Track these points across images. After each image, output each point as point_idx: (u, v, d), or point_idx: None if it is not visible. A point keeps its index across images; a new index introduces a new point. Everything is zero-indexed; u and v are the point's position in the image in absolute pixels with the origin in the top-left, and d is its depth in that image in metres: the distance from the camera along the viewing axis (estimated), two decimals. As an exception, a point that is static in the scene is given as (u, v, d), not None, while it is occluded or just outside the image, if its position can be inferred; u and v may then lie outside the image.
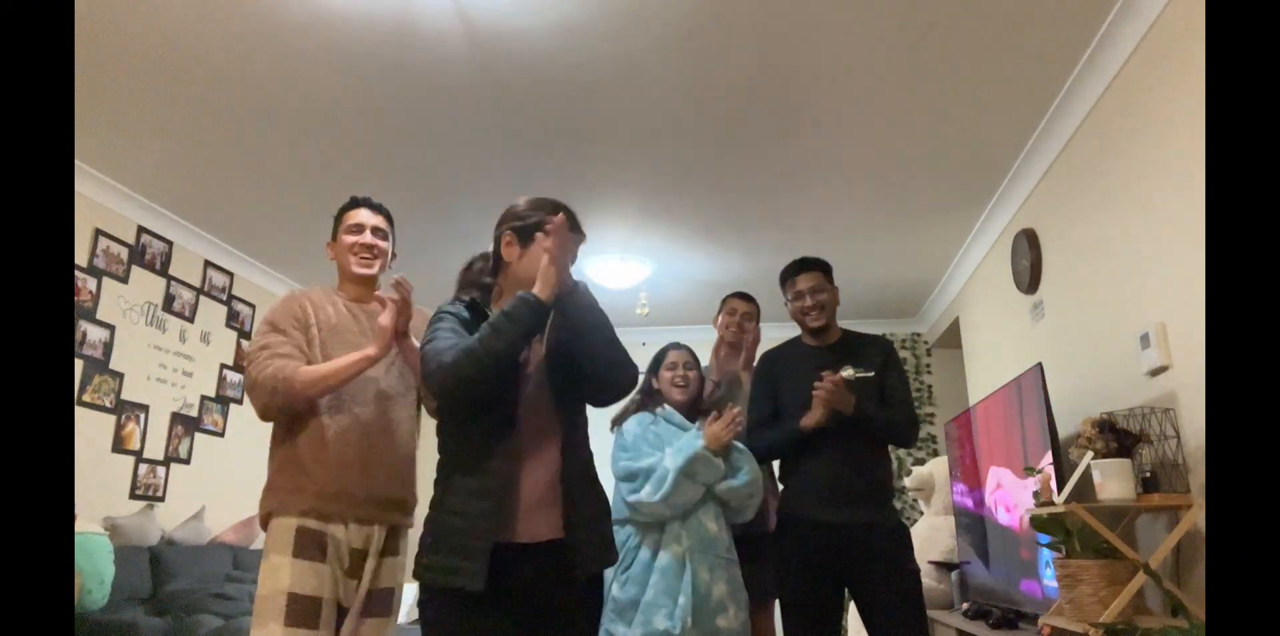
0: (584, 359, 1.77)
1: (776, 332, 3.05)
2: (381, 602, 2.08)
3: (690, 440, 2.53)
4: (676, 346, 2.79)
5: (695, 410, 2.71)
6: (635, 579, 2.45)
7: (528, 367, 1.78)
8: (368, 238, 2.24)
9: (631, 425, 2.66)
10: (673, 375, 2.72)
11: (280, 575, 1.92)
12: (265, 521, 2.04)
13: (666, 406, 2.70)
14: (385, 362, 2.14)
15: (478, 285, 1.89)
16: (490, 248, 1.90)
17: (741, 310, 3.00)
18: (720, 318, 3.03)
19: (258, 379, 2.01)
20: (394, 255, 2.34)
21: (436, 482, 1.76)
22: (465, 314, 1.80)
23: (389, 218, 2.31)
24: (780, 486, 2.61)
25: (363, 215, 2.26)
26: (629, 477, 2.53)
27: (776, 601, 2.80)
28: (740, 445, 2.57)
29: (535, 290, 1.68)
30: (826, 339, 2.55)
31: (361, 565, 2.04)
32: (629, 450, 2.58)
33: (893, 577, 2.32)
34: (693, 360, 2.74)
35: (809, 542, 2.36)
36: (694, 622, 2.35)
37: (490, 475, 1.68)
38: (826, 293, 2.51)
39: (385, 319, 2.05)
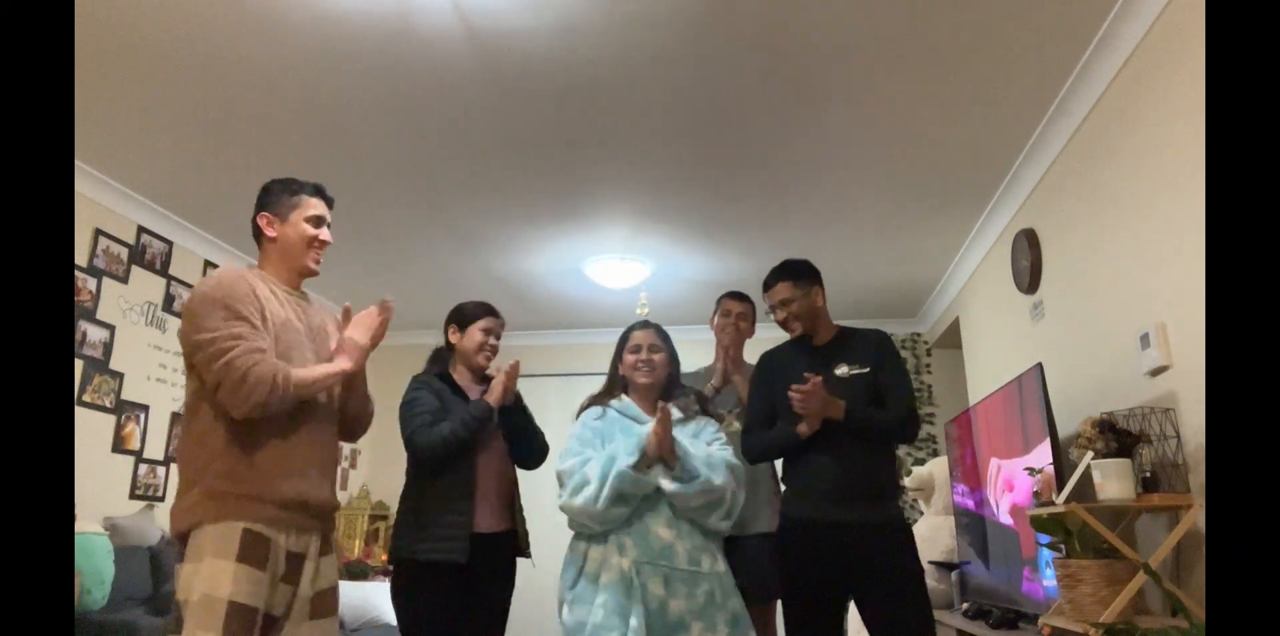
0: (515, 436, 2.63)
1: (772, 333, 3.03)
2: (326, 603, 2.00)
3: (626, 449, 2.32)
4: (643, 325, 2.56)
5: (667, 396, 2.52)
6: (580, 598, 2.25)
7: (495, 415, 2.55)
8: (326, 233, 2.12)
9: (575, 424, 2.52)
10: (635, 359, 2.49)
11: (223, 580, 1.75)
12: (188, 530, 1.83)
13: (625, 397, 2.53)
14: None
15: (440, 359, 2.73)
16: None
17: (736, 310, 2.97)
18: (715, 318, 3.00)
19: (248, 371, 1.80)
20: None
21: (416, 489, 2.50)
22: (436, 383, 2.57)
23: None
24: (781, 487, 2.59)
25: (321, 207, 2.12)
26: (558, 478, 2.41)
27: (778, 602, 2.80)
28: (706, 454, 2.42)
29: (490, 399, 2.50)
30: (819, 339, 2.55)
31: (298, 570, 1.93)
32: (564, 451, 2.45)
33: (895, 578, 2.29)
34: (659, 341, 2.53)
35: (810, 543, 2.33)
36: None
37: (466, 483, 2.46)
38: (796, 303, 2.47)
39: (363, 338, 2.02)
